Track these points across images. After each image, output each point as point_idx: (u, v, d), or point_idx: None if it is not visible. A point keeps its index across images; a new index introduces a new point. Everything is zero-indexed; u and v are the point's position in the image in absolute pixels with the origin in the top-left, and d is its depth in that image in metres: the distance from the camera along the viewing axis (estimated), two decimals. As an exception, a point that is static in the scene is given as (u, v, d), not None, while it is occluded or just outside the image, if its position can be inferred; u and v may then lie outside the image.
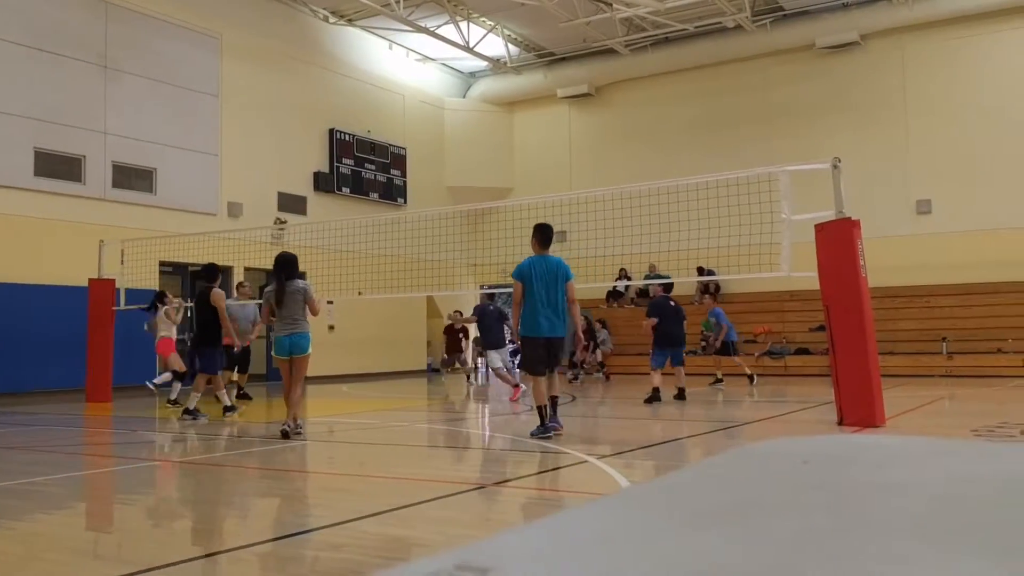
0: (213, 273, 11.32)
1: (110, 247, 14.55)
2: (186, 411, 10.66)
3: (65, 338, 14.59)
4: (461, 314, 15.59)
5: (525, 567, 0.56)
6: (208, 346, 10.94)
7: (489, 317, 14.17)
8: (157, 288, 15.93)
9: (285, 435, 8.28)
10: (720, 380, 15.21)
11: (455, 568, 0.54)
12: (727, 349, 15.63)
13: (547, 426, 7.98)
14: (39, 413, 12.15)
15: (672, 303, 12.53)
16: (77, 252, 14.91)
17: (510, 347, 14.46)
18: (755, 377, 15.54)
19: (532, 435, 7.98)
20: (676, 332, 12.31)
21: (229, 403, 11.13)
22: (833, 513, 0.70)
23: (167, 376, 12.56)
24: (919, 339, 18.68)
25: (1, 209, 14.65)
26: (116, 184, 16.43)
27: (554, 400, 8.24)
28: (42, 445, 8.81)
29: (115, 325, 14.27)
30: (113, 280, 14.34)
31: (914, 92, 20.20)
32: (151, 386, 13.17)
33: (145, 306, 13.20)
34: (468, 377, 18.91)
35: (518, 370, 13.91)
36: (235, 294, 14.03)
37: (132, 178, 16.74)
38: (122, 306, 14.35)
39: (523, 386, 12.93)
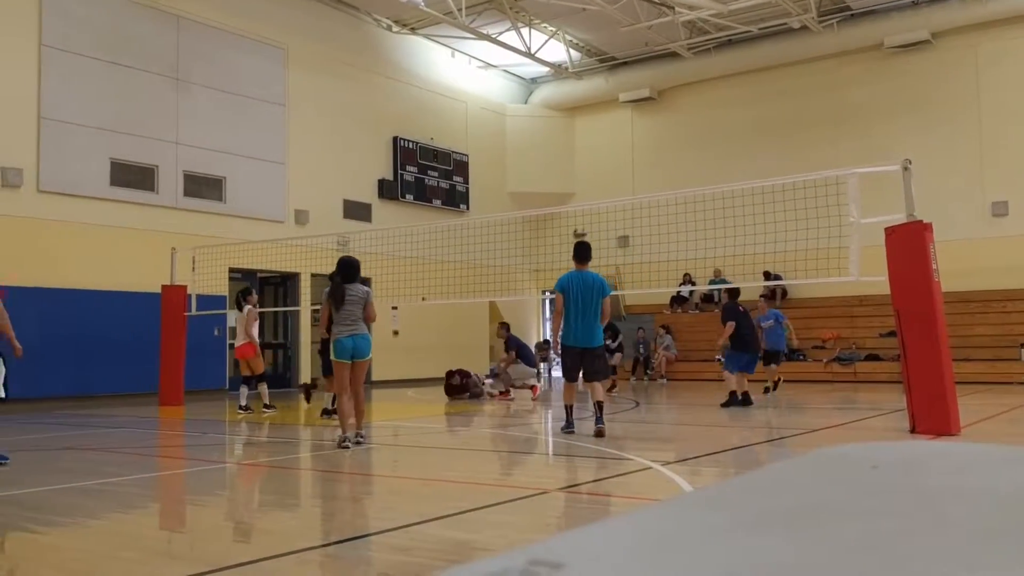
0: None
1: (182, 254, 14.96)
2: (324, 411, 11.35)
3: (139, 343, 15.03)
4: (507, 329, 15.55)
5: (596, 564, 0.57)
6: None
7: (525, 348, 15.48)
8: (226, 293, 16.33)
9: (344, 446, 7.97)
10: (768, 388, 14.36)
11: (528, 563, 0.55)
12: (773, 358, 14.26)
13: (569, 422, 8.89)
14: (114, 416, 12.51)
15: (742, 308, 12.41)
16: (150, 259, 15.35)
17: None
18: (773, 388, 14.35)
19: (562, 430, 8.88)
20: (752, 336, 12.37)
21: (329, 406, 11.36)
22: (901, 517, 0.69)
23: (245, 390, 12.45)
24: (995, 345, 18.11)
25: (79, 218, 15.17)
26: (187, 193, 16.88)
27: (599, 406, 8.80)
28: (118, 447, 9.08)
29: (187, 330, 14.65)
30: (185, 286, 14.74)
31: (988, 91, 19.61)
32: (242, 410, 12.35)
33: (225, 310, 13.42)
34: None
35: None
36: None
37: (202, 187, 17.18)
38: (193, 311, 14.73)
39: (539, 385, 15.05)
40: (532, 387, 14.93)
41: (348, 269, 8.46)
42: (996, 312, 18.62)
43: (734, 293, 12.55)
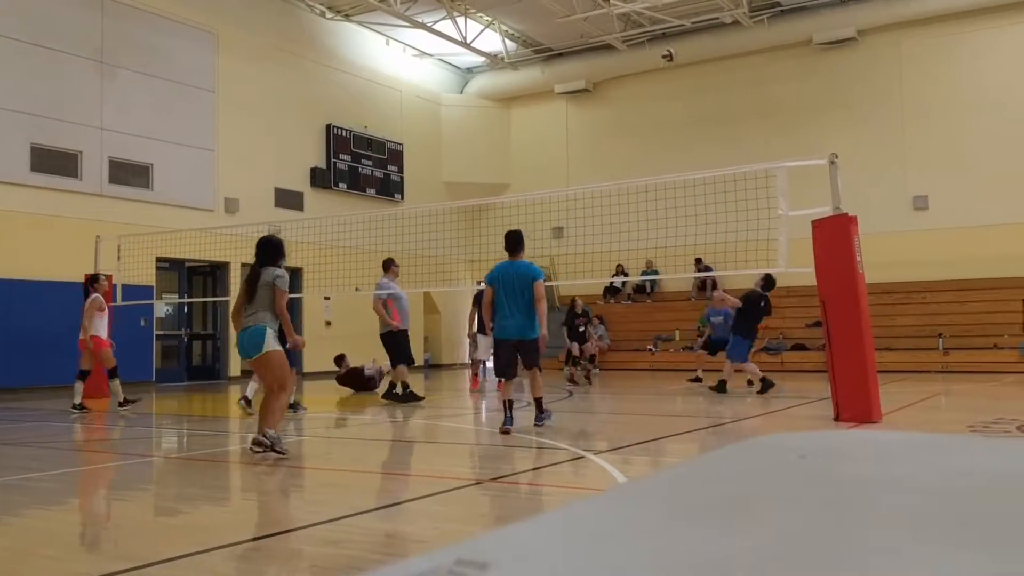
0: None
1: (107, 243, 14.52)
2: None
3: (62, 333, 14.57)
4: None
5: (524, 562, 0.56)
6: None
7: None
8: (153, 283, 15.92)
9: (259, 446, 6.75)
10: (699, 379, 14.67)
11: (454, 564, 0.54)
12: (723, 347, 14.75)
13: (508, 418, 8.34)
14: (37, 409, 12.14)
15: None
16: (73, 248, 14.89)
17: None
18: (700, 379, 14.68)
19: (500, 429, 8.34)
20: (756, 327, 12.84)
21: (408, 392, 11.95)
22: (829, 507, 0.70)
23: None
24: (916, 335, 18.71)
25: (-3, 205, 14.62)
26: (113, 180, 16.40)
27: (538, 401, 8.63)
28: (37, 441, 8.80)
29: (112, 320, 14.25)
30: (110, 276, 14.33)
31: (911, 88, 20.21)
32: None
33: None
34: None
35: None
36: (388, 275, 12.76)
37: (129, 174, 16.71)
38: (119, 302, 14.33)
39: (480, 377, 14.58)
40: (475, 376, 14.81)
41: (263, 249, 7.25)
42: (916, 303, 19.23)
43: (770, 282, 12.61)
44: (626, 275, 20.93)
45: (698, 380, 14.34)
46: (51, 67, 15.53)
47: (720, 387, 12.51)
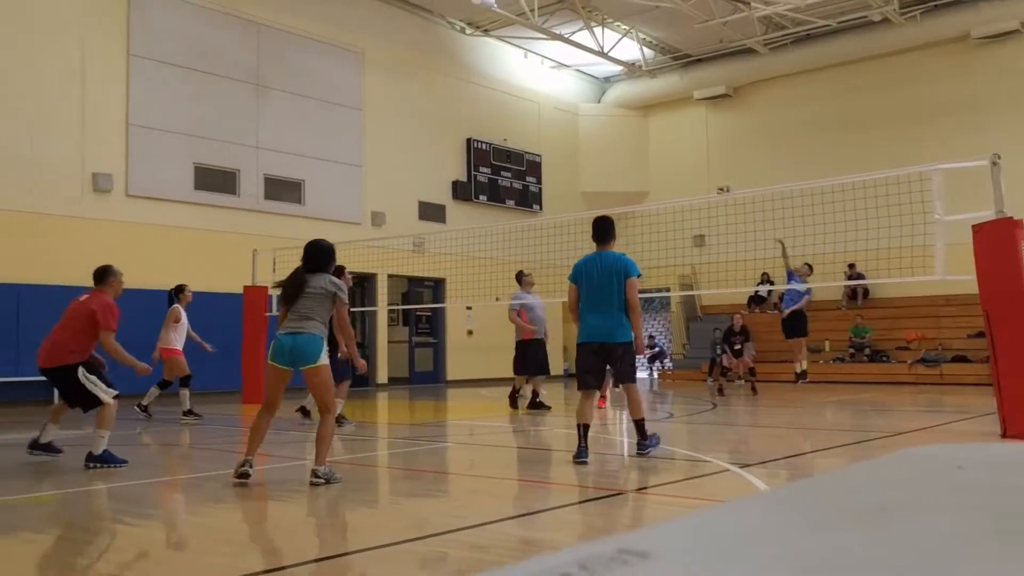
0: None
1: (263, 256, 15.33)
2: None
3: (221, 342, 15.45)
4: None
5: (681, 554, 0.58)
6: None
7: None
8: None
9: (317, 477, 5.95)
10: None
11: (616, 552, 0.57)
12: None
13: (582, 448, 6.86)
14: (200, 413, 12.87)
15: None
16: (232, 261, 15.79)
17: None
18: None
19: (574, 460, 6.90)
20: None
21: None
22: (983, 516, 0.68)
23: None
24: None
25: (165, 221, 15.69)
26: (268, 196, 17.32)
27: (639, 424, 7.19)
28: (203, 443, 9.35)
29: (268, 330, 15.00)
30: (266, 287, 15.10)
31: (1084, 81, 18.80)
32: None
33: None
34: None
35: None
36: (522, 287, 12.78)
37: (282, 190, 17.60)
38: (274, 312, 15.07)
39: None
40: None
41: (315, 254, 6.60)
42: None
43: None
44: (772, 284, 20.36)
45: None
46: (211, 90, 16.56)
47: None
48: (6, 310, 13.95)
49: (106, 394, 7.14)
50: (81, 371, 7.10)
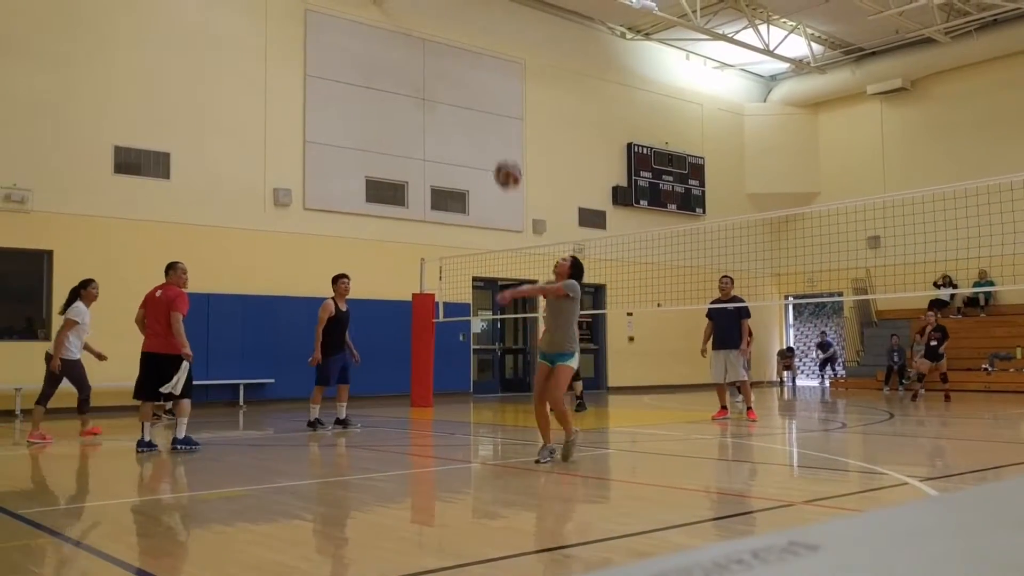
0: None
1: (430, 264, 15.83)
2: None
3: (391, 348, 16.05)
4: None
5: (850, 549, 0.57)
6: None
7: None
8: (470, 301, 17.06)
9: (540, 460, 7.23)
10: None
11: (787, 544, 0.56)
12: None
13: None
14: (370, 416, 13.43)
15: None
16: (401, 269, 16.38)
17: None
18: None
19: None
20: None
21: None
22: None
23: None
24: None
25: (339, 232, 16.48)
26: (434, 206, 17.88)
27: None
28: (375, 445, 9.75)
29: (435, 336, 15.48)
30: (433, 295, 15.58)
31: None
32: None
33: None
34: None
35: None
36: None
37: (447, 200, 18.12)
38: (441, 318, 15.52)
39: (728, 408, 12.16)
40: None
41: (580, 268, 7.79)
42: None
43: None
44: (955, 287, 19.14)
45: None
46: (380, 106, 17.27)
47: None
48: (197, 318, 15.03)
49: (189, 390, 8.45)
50: (186, 364, 8.31)
